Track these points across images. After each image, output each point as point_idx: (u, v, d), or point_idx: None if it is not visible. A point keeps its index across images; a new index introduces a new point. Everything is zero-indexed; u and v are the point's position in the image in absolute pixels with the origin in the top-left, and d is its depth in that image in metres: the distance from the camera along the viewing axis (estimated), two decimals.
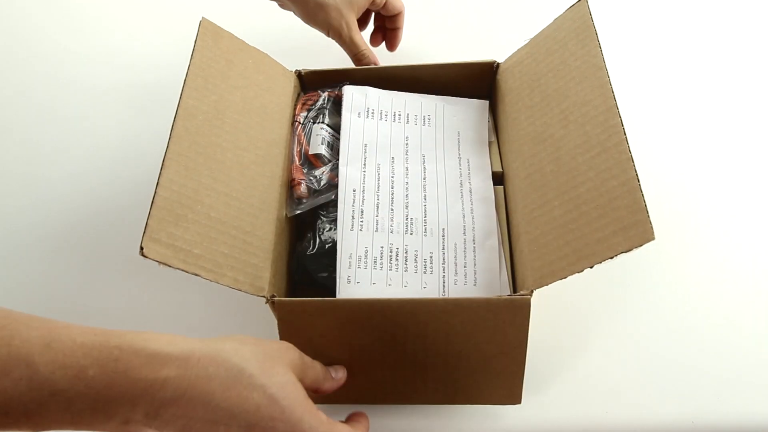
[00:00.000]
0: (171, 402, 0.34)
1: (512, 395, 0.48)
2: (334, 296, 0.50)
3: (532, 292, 0.45)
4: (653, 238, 0.37)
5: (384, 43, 0.70)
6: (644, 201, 0.39)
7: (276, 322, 0.46)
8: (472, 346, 0.46)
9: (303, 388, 0.39)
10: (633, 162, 0.41)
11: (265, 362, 0.37)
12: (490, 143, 0.60)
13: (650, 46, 0.74)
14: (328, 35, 0.63)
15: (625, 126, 0.43)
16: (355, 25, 0.63)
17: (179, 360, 0.34)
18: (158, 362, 0.34)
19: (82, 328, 0.34)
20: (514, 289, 0.51)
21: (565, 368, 0.52)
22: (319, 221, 0.55)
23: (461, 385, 0.48)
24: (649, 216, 0.38)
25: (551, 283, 0.44)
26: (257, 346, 0.38)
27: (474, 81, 0.62)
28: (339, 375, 0.46)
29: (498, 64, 0.60)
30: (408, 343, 0.46)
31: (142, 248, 0.39)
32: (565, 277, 0.43)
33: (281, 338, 0.46)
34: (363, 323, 0.45)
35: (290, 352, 0.41)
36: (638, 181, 0.40)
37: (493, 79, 0.61)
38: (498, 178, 0.58)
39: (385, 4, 0.65)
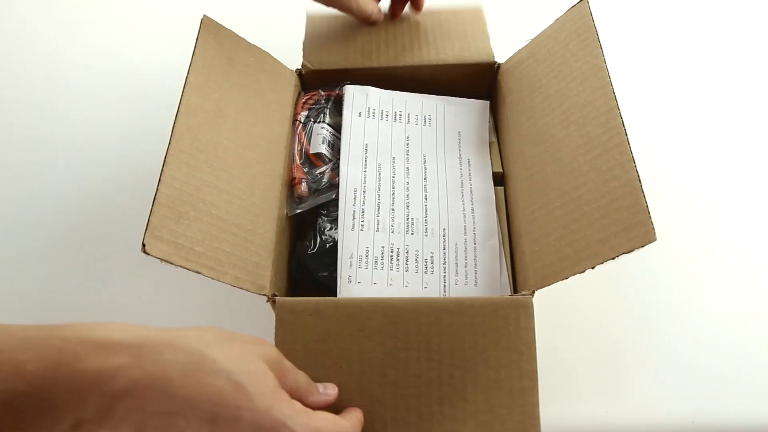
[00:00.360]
0: (124, 394, 0.30)
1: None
2: (335, 296, 0.50)
3: (533, 292, 0.45)
4: (655, 239, 0.37)
5: (408, 4, 0.62)
6: (646, 202, 0.39)
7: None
8: (478, 354, 0.44)
9: (276, 379, 0.35)
10: (634, 163, 0.41)
11: (233, 348, 0.34)
12: (490, 143, 0.60)
13: (651, 47, 0.74)
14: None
15: (626, 127, 0.43)
16: None
17: (133, 347, 0.31)
18: (108, 351, 0.30)
19: (24, 325, 0.31)
20: (516, 290, 0.51)
21: (565, 368, 0.52)
22: (320, 220, 0.55)
23: (471, 410, 0.44)
24: (650, 217, 0.38)
25: (552, 283, 0.44)
26: (225, 333, 0.35)
27: (474, 81, 0.62)
28: (328, 391, 0.41)
29: (499, 64, 0.60)
30: (411, 350, 0.44)
31: (144, 245, 0.39)
32: (566, 278, 0.43)
33: (276, 342, 0.44)
34: (363, 324, 0.44)
35: (267, 346, 0.37)
36: (640, 181, 0.40)
37: (494, 80, 0.61)
38: (499, 179, 0.58)
39: None
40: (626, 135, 0.43)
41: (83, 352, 0.30)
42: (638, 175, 0.40)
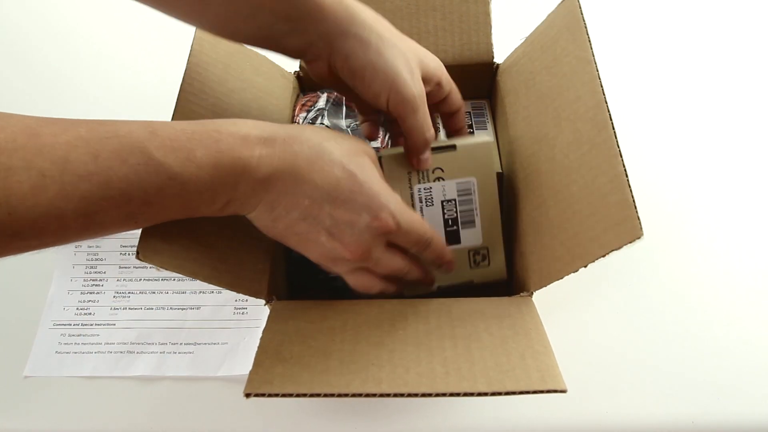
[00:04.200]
0: (264, 179, 0.36)
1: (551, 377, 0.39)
2: (333, 298, 0.50)
3: (532, 293, 0.45)
4: (641, 235, 0.36)
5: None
6: (632, 197, 0.38)
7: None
8: (483, 330, 0.42)
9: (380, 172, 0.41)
10: (621, 157, 0.40)
11: (344, 144, 0.40)
12: (490, 143, 0.60)
13: (642, 40, 0.74)
14: (384, 102, 0.43)
15: (615, 121, 0.42)
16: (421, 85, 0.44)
17: (268, 140, 0.37)
18: (251, 143, 0.36)
19: (180, 121, 0.36)
20: (516, 291, 0.51)
21: (565, 368, 0.52)
22: None
23: (480, 370, 0.39)
24: (637, 212, 0.37)
25: (549, 284, 0.44)
26: (334, 132, 0.41)
27: (474, 81, 0.62)
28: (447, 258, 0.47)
29: (497, 64, 0.60)
30: (409, 328, 0.42)
31: (138, 252, 0.39)
32: (561, 278, 0.42)
33: (266, 327, 0.43)
34: (360, 311, 0.44)
35: (369, 148, 0.42)
36: (627, 176, 0.39)
37: (493, 80, 0.61)
38: (498, 179, 0.58)
39: (447, 95, 0.49)
40: (613, 129, 0.41)
41: (234, 143, 0.35)
42: (625, 170, 0.39)
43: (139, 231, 0.40)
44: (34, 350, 0.55)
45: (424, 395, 0.37)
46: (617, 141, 0.41)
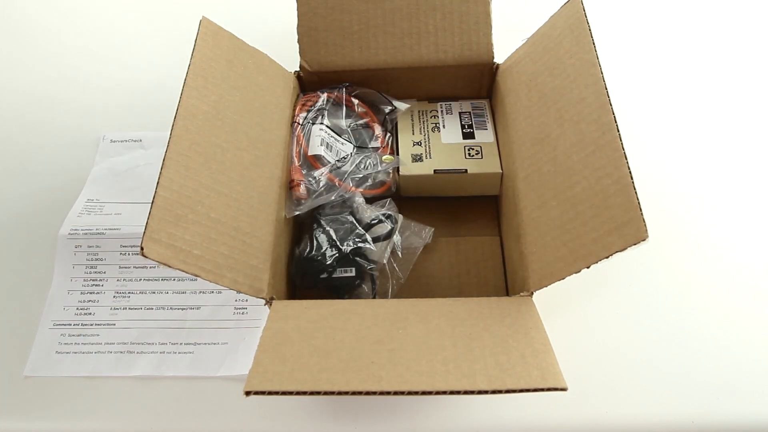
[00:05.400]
0: None
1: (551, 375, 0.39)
2: (335, 297, 0.50)
3: (532, 293, 0.45)
4: (647, 237, 0.37)
5: None
6: (637, 199, 0.38)
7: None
8: (483, 329, 0.42)
9: None
10: (626, 159, 0.40)
11: None
12: (490, 144, 0.60)
13: (646, 42, 0.74)
14: None
15: (620, 123, 0.42)
16: None
17: None
18: None
19: None
20: (516, 291, 0.51)
21: (565, 368, 0.52)
22: (316, 223, 0.55)
23: (480, 368, 0.39)
24: (642, 214, 0.38)
25: (550, 284, 0.44)
26: None
27: (474, 81, 0.62)
28: None
29: (497, 65, 0.60)
30: (409, 327, 0.42)
31: (142, 248, 0.39)
32: (563, 278, 0.43)
33: (267, 325, 0.43)
34: (360, 312, 0.44)
35: None
36: (632, 178, 0.39)
37: (493, 80, 0.61)
38: (498, 179, 0.58)
39: None
40: (618, 131, 0.42)
41: None
42: (630, 172, 0.40)
43: (141, 230, 0.40)
44: (34, 350, 0.54)
45: (424, 393, 0.38)
46: (622, 143, 0.41)
